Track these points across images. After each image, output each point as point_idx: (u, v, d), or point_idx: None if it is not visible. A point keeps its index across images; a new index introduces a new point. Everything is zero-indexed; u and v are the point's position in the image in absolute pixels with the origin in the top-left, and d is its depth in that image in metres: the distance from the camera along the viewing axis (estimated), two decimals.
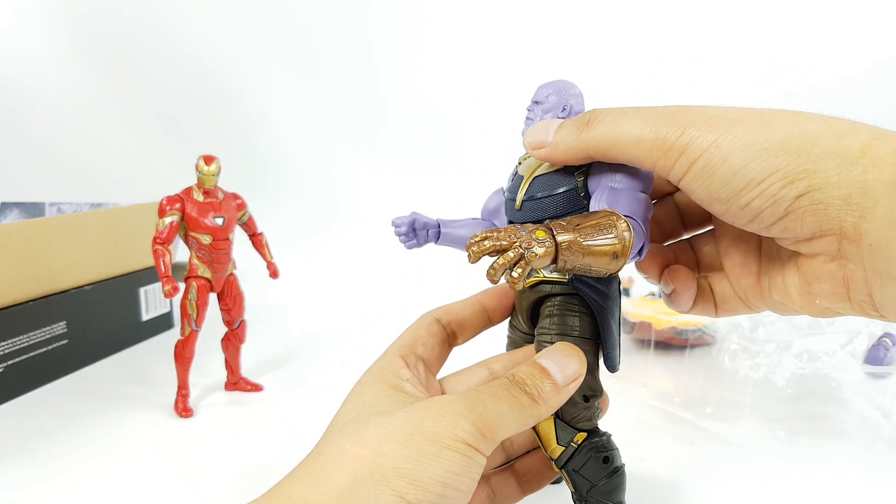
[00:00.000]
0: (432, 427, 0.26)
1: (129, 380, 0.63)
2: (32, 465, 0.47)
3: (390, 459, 0.25)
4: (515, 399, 0.28)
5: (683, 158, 0.26)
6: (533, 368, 0.30)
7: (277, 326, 0.80)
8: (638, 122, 0.27)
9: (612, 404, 0.60)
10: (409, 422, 0.26)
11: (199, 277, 0.54)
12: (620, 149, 0.28)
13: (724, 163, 0.25)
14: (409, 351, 0.34)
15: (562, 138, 0.29)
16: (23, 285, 0.59)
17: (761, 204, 0.25)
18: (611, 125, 0.28)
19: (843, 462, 0.48)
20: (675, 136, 0.26)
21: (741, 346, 0.59)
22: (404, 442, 0.25)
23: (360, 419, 0.28)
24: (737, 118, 0.26)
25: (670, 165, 0.27)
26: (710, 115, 0.26)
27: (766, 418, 0.55)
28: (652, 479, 0.45)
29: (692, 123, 0.26)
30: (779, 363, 0.56)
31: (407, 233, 0.35)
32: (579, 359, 0.31)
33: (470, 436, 0.26)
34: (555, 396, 0.29)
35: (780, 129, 0.25)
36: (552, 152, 0.30)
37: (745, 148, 0.25)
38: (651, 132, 0.27)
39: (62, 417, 0.55)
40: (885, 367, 0.58)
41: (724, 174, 0.25)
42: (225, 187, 0.56)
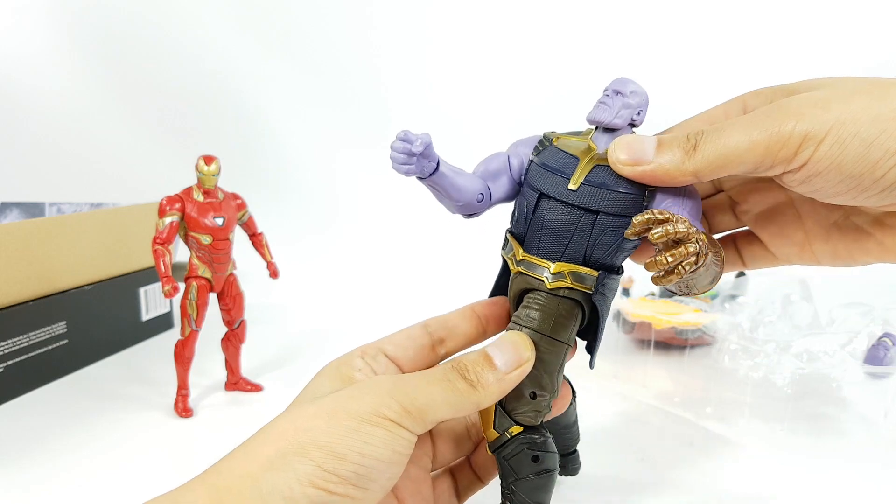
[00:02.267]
0: (355, 405, 0.27)
1: (129, 380, 0.63)
2: (32, 465, 0.47)
3: (311, 433, 0.27)
4: (451, 384, 0.29)
5: (807, 144, 0.26)
6: (478, 356, 0.31)
7: (277, 326, 0.80)
8: (742, 129, 0.27)
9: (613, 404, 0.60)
10: (335, 400, 0.28)
11: (199, 277, 0.54)
12: (734, 162, 0.27)
13: (854, 137, 0.25)
14: (374, 348, 0.35)
15: (668, 161, 0.29)
16: (23, 285, 0.59)
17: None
18: (718, 142, 0.28)
19: (843, 462, 0.48)
20: (791, 126, 0.26)
21: (741, 346, 0.59)
22: (327, 418, 0.27)
23: (301, 402, 0.30)
24: (844, 95, 0.26)
25: (791, 156, 0.26)
26: (816, 99, 0.26)
27: (766, 418, 0.55)
28: (652, 479, 0.45)
29: (803, 110, 0.26)
30: (779, 363, 0.56)
31: (415, 154, 0.29)
32: (528, 350, 0.31)
33: (392, 412, 0.27)
34: (496, 385, 0.30)
35: (894, 97, 0.25)
36: (655, 173, 0.29)
37: (874, 119, 0.25)
38: (761, 133, 0.27)
39: (62, 417, 0.55)
40: (885, 367, 0.58)
41: (857, 149, 0.25)
42: (225, 187, 0.56)
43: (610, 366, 0.66)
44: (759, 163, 0.27)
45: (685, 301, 0.69)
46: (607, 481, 0.45)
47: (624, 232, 0.30)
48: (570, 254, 0.31)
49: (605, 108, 0.31)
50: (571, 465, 0.42)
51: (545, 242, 0.31)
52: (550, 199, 0.31)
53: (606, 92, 0.32)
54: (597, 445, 0.50)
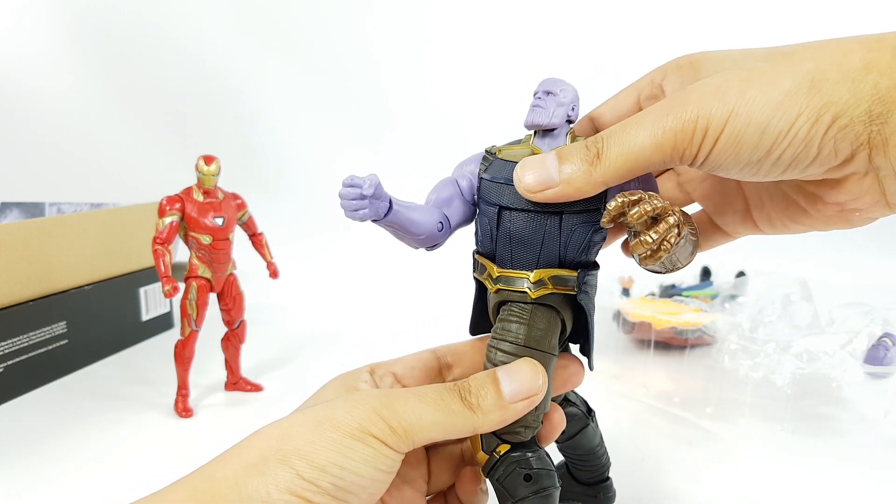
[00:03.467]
0: (342, 416, 0.27)
1: (129, 380, 0.63)
2: (33, 464, 0.47)
3: (295, 441, 0.26)
4: (444, 404, 0.28)
5: (708, 138, 0.26)
6: (486, 378, 0.29)
7: (277, 326, 0.80)
8: (647, 127, 0.27)
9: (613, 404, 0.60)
10: (323, 410, 0.27)
11: (199, 277, 0.54)
12: (642, 164, 0.27)
13: (748, 125, 0.26)
14: (383, 367, 0.34)
15: (574, 176, 0.28)
16: (23, 285, 0.59)
17: (794, 151, 0.26)
18: (623, 147, 0.27)
19: (843, 462, 0.48)
20: (692, 122, 0.26)
21: (741, 346, 0.59)
22: (312, 427, 0.27)
23: (299, 410, 0.30)
24: (740, 81, 0.26)
25: (696, 150, 0.27)
26: (715, 88, 0.27)
27: (766, 418, 0.55)
28: (652, 479, 0.45)
29: (702, 101, 0.26)
30: (779, 363, 0.56)
31: (367, 197, 0.28)
32: (540, 381, 0.29)
33: (377, 429, 0.27)
34: (497, 412, 0.28)
35: (787, 77, 0.26)
36: (564, 191, 0.28)
37: (763, 106, 0.26)
38: (666, 131, 0.27)
39: (62, 417, 0.55)
40: (885, 367, 0.58)
41: (753, 136, 0.26)
42: (225, 187, 0.56)
43: (610, 366, 0.66)
44: (667, 161, 0.27)
45: (685, 301, 0.69)
46: None
47: (591, 226, 0.30)
48: (545, 259, 0.30)
49: (540, 111, 0.31)
50: (605, 495, 0.40)
51: (517, 253, 0.31)
52: (512, 211, 0.30)
53: (537, 94, 0.32)
54: None
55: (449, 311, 0.38)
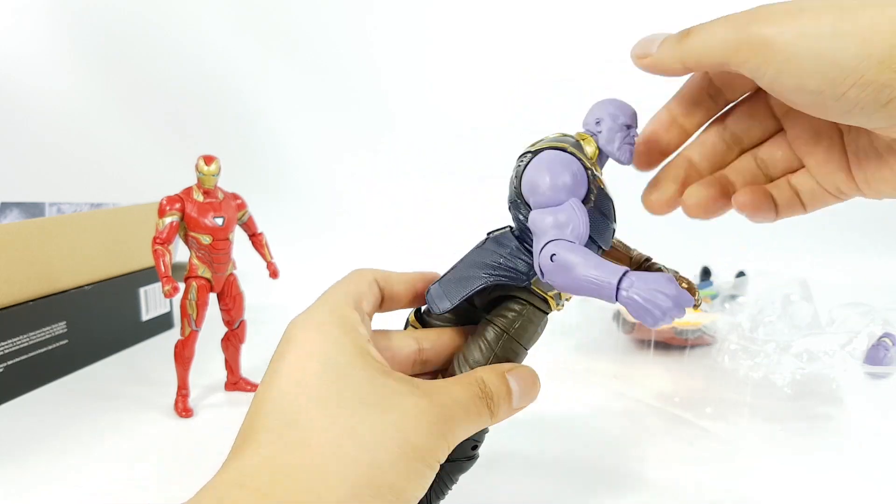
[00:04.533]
0: (422, 444, 0.26)
1: (129, 380, 0.63)
2: (32, 465, 0.47)
3: (386, 474, 0.25)
4: (479, 416, 0.29)
5: (769, 53, 0.26)
6: (501, 384, 0.30)
7: (277, 326, 0.79)
8: (727, 25, 0.28)
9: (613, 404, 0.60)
10: (402, 432, 0.26)
11: (199, 277, 0.54)
12: (714, 53, 0.28)
13: (810, 51, 0.25)
14: (358, 305, 0.32)
15: (665, 50, 0.30)
16: (23, 285, 0.59)
17: (859, 93, 0.25)
18: (706, 34, 0.29)
19: (843, 462, 0.48)
20: (757, 30, 0.26)
21: (741, 346, 0.59)
22: (398, 455, 0.25)
23: (346, 402, 0.26)
24: (819, 7, 0.25)
25: (758, 62, 0.27)
26: (790, 8, 0.26)
27: (766, 418, 0.55)
28: (652, 479, 0.45)
29: (772, 17, 0.26)
30: (779, 363, 0.56)
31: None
32: (537, 389, 0.32)
33: (442, 454, 0.27)
34: (505, 415, 0.30)
35: (865, 13, 0.24)
36: (655, 63, 0.31)
37: (833, 35, 0.24)
38: (736, 32, 0.27)
39: (62, 417, 0.55)
40: (885, 367, 0.58)
41: (815, 63, 0.25)
42: (225, 187, 0.56)
43: (610, 366, 0.66)
44: (730, 59, 0.28)
45: None
46: (607, 481, 0.45)
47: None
48: None
49: (631, 149, 0.33)
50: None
51: None
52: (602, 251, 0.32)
53: (630, 128, 0.33)
54: (597, 445, 0.50)
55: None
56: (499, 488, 0.44)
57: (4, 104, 1.23)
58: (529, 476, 0.45)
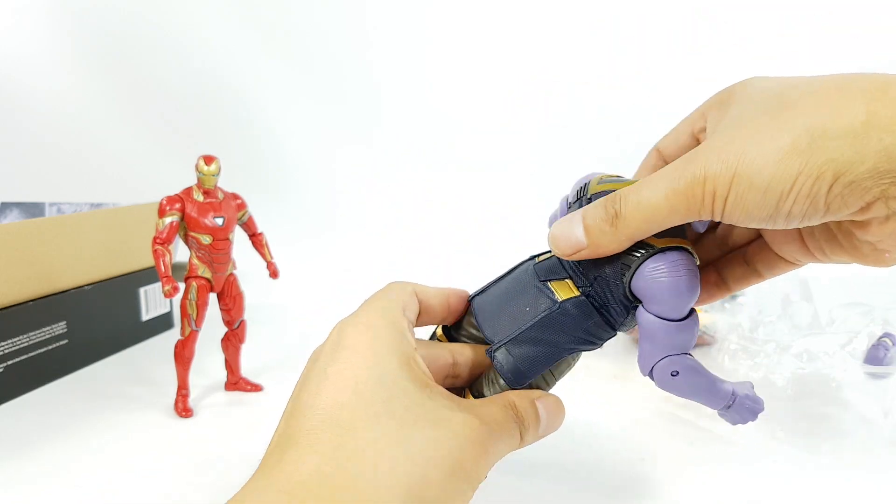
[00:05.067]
0: (470, 463, 0.27)
1: (129, 380, 0.63)
2: (32, 464, 0.47)
3: (434, 490, 0.25)
4: (513, 439, 0.30)
5: (717, 200, 0.27)
6: (531, 410, 0.31)
7: (277, 326, 0.80)
8: (660, 189, 0.28)
9: (613, 404, 0.60)
10: (454, 452, 0.27)
11: (199, 277, 0.54)
12: (659, 222, 0.28)
13: (750, 187, 0.26)
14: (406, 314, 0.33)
15: (599, 238, 0.29)
16: (23, 285, 0.59)
17: (801, 207, 0.26)
18: (639, 206, 0.28)
19: (843, 462, 0.48)
20: (700, 185, 0.27)
21: (741, 346, 0.59)
22: (449, 473, 0.26)
23: (398, 414, 0.27)
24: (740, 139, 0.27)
25: (709, 210, 0.27)
26: (719, 147, 0.27)
27: (766, 418, 0.55)
28: (652, 479, 0.45)
29: (708, 165, 0.27)
30: (779, 363, 0.56)
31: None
32: (562, 420, 0.33)
33: (484, 474, 0.28)
34: (530, 443, 0.32)
35: (783, 135, 0.25)
36: (594, 252, 0.30)
37: (763, 166, 0.25)
38: (678, 193, 0.27)
39: (62, 417, 0.55)
40: (885, 367, 0.58)
41: (756, 197, 0.26)
42: (225, 187, 0.56)
43: (610, 366, 0.66)
44: (685, 219, 0.28)
45: None
46: (607, 481, 0.45)
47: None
48: None
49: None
50: None
51: None
52: None
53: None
54: (597, 445, 0.50)
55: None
56: (496, 488, 0.44)
57: (4, 104, 1.23)
58: (528, 476, 0.45)
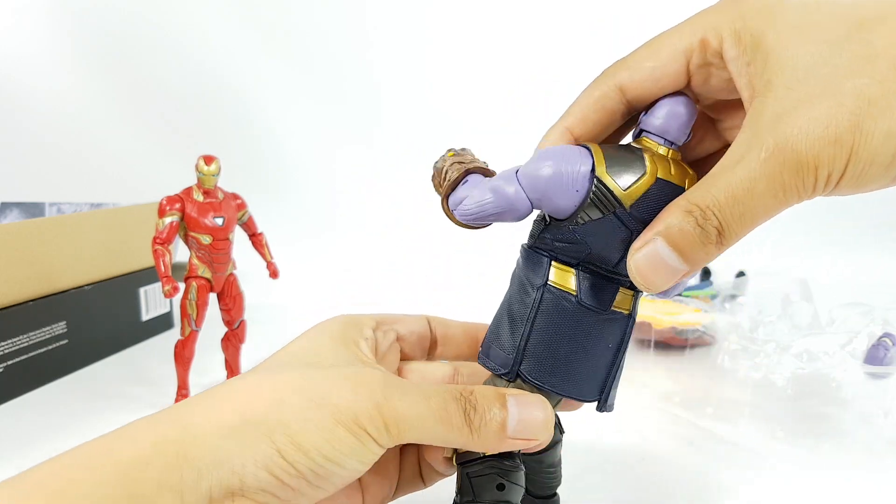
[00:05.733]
0: (340, 400, 0.25)
1: (129, 380, 0.63)
2: (32, 464, 0.47)
3: (287, 414, 0.25)
4: (446, 414, 0.26)
5: (830, 183, 0.24)
6: (494, 399, 0.28)
7: (277, 326, 0.79)
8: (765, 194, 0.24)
9: None
10: (323, 382, 0.26)
11: (199, 277, 0.54)
12: (757, 220, 0.25)
13: (871, 165, 0.24)
14: (388, 323, 0.33)
15: (703, 259, 0.26)
16: (23, 285, 0.59)
17: None
18: (744, 219, 0.25)
19: (843, 462, 0.48)
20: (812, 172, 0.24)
21: (741, 346, 0.59)
22: (308, 403, 0.25)
23: (293, 364, 0.28)
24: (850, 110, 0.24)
25: (819, 192, 0.25)
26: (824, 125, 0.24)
27: (766, 418, 0.55)
28: (652, 479, 0.45)
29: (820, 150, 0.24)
30: (779, 363, 0.56)
31: None
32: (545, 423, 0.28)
33: (371, 424, 0.25)
34: (495, 440, 0.27)
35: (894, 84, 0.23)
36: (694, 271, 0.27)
37: (886, 139, 0.23)
38: (787, 188, 0.24)
39: (62, 417, 0.55)
40: (885, 367, 0.58)
41: (877, 172, 0.24)
42: (225, 187, 0.56)
43: None
44: (784, 208, 0.25)
45: (685, 301, 0.69)
46: (607, 481, 0.45)
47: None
48: None
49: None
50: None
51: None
52: None
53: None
54: (596, 445, 0.50)
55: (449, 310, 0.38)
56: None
57: (4, 104, 1.22)
58: None
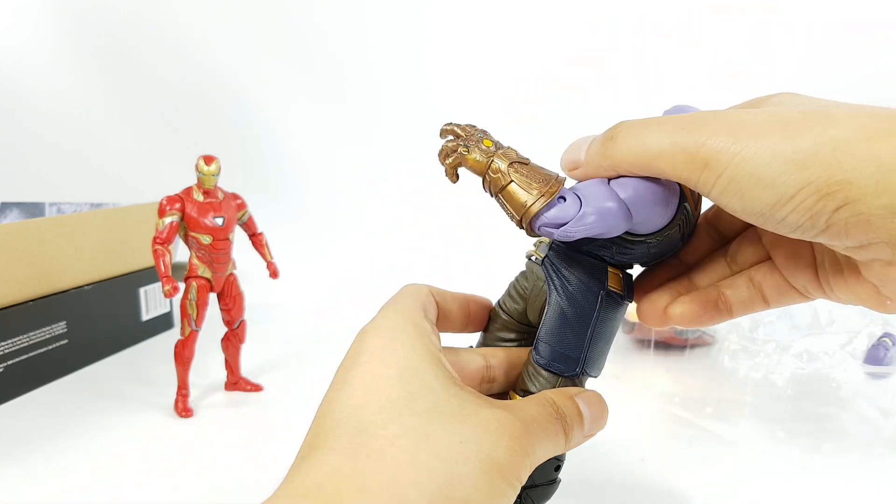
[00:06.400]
0: (503, 459, 0.25)
1: (129, 380, 0.63)
2: (32, 465, 0.47)
3: (465, 488, 0.23)
4: (557, 438, 0.28)
5: (707, 172, 0.24)
6: (573, 407, 0.30)
7: (277, 326, 0.80)
8: (661, 133, 0.26)
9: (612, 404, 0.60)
10: (484, 446, 0.25)
11: (199, 277, 0.54)
12: (645, 162, 0.26)
13: (751, 177, 0.24)
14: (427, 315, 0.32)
15: (590, 156, 0.28)
16: (23, 285, 0.59)
17: (798, 218, 0.23)
18: (634, 139, 0.27)
19: (843, 462, 0.48)
20: (696, 148, 0.25)
21: (741, 346, 0.59)
22: (478, 469, 0.24)
23: (421, 412, 0.25)
24: (762, 125, 0.24)
25: (696, 179, 0.25)
26: (733, 122, 0.25)
27: (766, 418, 0.55)
28: (652, 479, 0.45)
29: (713, 133, 0.24)
30: (779, 363, 0.56)
31: None
32: (607, 416, 0.31)
33: (525, 474, 0.26)
34: (578, 441, 0.30)
35: (807, 137, 0.23)
36: (585, 171, 0.29)
37: (772, 160, 0.23)
38: (672, 144, 0.25)
39: (62, 417, 0.55)
40: (885, 367, 0.58)
41: (753, 189, 0.24)
42: (225, 187, 0.56)
43: (610, 366, 0.66)
44: (668, 175, 0.26)
45: None
46: (607, 481, 0.45)
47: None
48: None
49: None
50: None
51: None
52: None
53: None
54: (597, 445, 0.50)
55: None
56: None
57: (4, 104, 1.23)
58: None
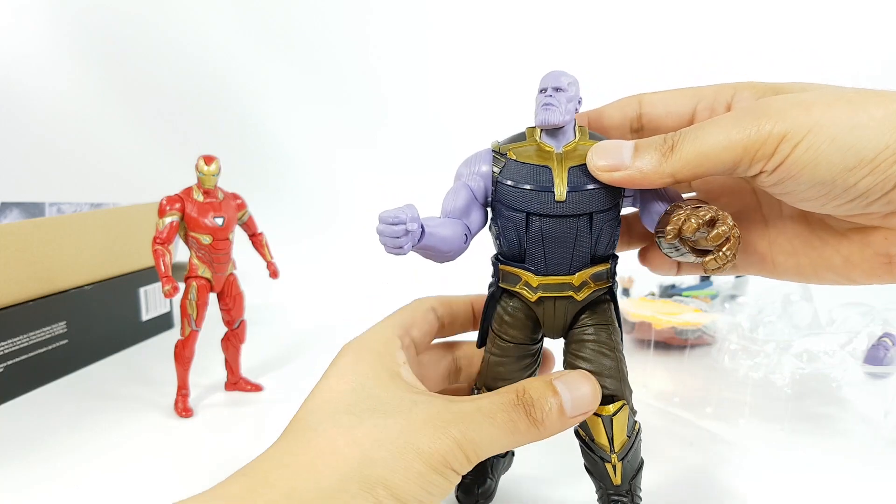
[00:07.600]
0: (426, 447, 0.27)
1: (129, 380, 0.63)
2: (32, 465, 0.47)
3: (379, 469, 0.26)
4: (513, 424, 0.28)
5: (784, 144, 0.25)
6: (546, 391, 0.30)
7: (277, 326, 0.80)
8: (721, 127, 0.27)
9: None
10: (404, 433, 0.27)
11: (199, 277, 0.54)
12: (712, 161, 0.27)
13: (832, 142, 0.25)
14: (406, 332, 0.35)
15: (646, 165, 0.28)
16: (23, 285, 0.59)
17: (872, 181, 0.25)
18: (696, 142, 0.27)
19: (843, 462, 0.48)
20: (770, 126, 0.26)
21: (741, 346, 0.59)
22: (397, 454, 0.26)
23: (357, 411, 0.29)
24: (825, 99, 0.26)
25: (769, 155, 0.26)
26: (794, 102, 0.26)
27: (766, 418, 0.55)
28: (652, 479, 0.45)
29: (781, 112, 0.26)
30: (779, 363, 0.56)
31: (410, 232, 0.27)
32: (594, 394, 0.31)
33: (455, 461, 0.27)
34: (558, 425, 0.30)
35: (877, 107, 0.25)
36: (633, 177, 0.29)
37: (852, 126, 0.25)
38: (741, 131, 0.26)
39: (62, 417, 0.55)
40: (885, 367, 0.57)
41: (833, 154, 0.25)
42: (225, 187, 0.56)
43: None
44: (738, 162, 0.27)
45: (685, 301, 0.69)
46: None
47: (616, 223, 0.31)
48: (577, 261, 0.31)
49: (553, 110, 0.31)
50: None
51: (551, 258, 0.31)
52: (542, 217, 0.30)
53: (546, 91, 0.31)
54: None
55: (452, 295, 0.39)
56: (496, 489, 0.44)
57: (4, 104, 1.23)
58: (528, 477, 0.45)
